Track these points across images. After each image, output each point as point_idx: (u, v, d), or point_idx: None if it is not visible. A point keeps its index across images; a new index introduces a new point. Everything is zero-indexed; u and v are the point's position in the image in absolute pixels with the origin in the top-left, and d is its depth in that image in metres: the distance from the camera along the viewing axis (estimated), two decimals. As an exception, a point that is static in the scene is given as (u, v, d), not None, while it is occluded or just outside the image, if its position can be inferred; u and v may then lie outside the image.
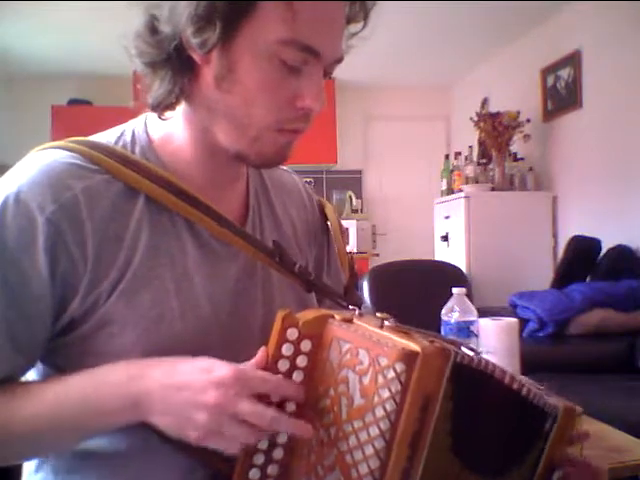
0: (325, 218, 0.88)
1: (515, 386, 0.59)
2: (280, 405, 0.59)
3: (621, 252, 3.01)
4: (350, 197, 5.11)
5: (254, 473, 0.62)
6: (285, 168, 0.89)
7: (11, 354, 0.63)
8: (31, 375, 0.69)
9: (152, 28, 0.63)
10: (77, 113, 4.66)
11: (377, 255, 4.70)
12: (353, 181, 5.45)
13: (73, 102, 4.82)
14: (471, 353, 0.58)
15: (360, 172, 5.49)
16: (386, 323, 0.59)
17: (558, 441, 0.61)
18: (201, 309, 0.68)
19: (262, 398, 0.58)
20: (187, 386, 0.58)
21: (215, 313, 0.69)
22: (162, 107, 0.67)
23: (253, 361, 0.61)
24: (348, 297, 0.78)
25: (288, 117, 0.65)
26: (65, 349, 0.66)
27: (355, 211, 5.10)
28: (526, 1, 3.49)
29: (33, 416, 0.62)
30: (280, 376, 0.60)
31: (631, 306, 2.67)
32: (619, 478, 1.11)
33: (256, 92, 0.63)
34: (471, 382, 0.56)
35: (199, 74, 0.65)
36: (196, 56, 0.63)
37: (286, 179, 0.86)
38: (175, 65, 0.64)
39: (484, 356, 0.60)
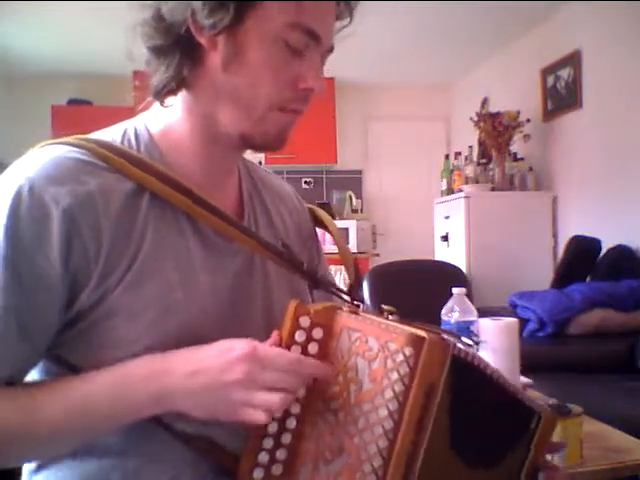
0: (315, 225, 0.91)
1: (503, 382, 0.61)
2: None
3: (621, 252, 3.01)
4: (350, 197, 5.11)
5: (263, 456, 0.64)
6: (277, 175, 0.92)
7: (21, 345, 0.63)
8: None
9: (158, 17, 0.66)
10: (77, 113, 4.66)
11: (377, 255, 4.70)
12: (353, 181, 5.45)
13: (73, 102, 4.82)
14: (470, 342, 0.60)
15: (360, 172, 5.49)
16: (390, 317, 0.62)
17: (541, 442, 0.64)
18: (205, 301, 0.70)
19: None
20: (210, 369, 0.60)
21: (217, 306, 0.71)
22: (164, 93, 0.69)
23: (268, 343, 0.63)
24: (352, 294, 0.79)
25: (290, 97, 0.69)
26: (70, 342, 0.66)
27: (355, 211, 5.09)
28: (526, 1, 3.49)
29: (59, 415, 0.62)
30: (293, 356, 0.62)
31: (631, 306, 2.67)
32: (619, 478, 1.11)
33: (262, 73, 0.67)
34: (467, 376, 0.58)
35: (205, 59, 0.68)
36: (203, 40, 0.66)
37: (276, 182, 0.89)
38: (181, 50, 0.67)
39: (482, 351, 0.62)
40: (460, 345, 0.59)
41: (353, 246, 4.57)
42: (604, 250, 3.10)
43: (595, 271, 3.06)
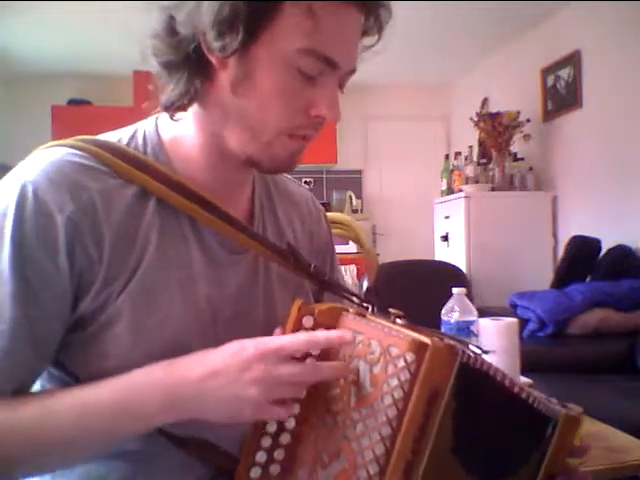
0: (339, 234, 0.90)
1: (516, 390, 0.59)
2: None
3: (621, 252, 3.01)
4: (350, 197, 5.11)
5: (260, 456, 0.63)
6: (296, 180, 0.90)
7: (32, 355, 0.63)
8: None
9: (170, 29, 0.64)
10: (77, 113, 4.66)
11: (377, 255, 4.70)
12: (353, 181, 5.45)
13: (73, 102, 4.82)
14: (478, 351, 0.59)
15: (360, 172, 5.49)
16: (398, 321, 0.61)
17: (559, 449, 0.61)
18: (203, 313, 0.69)
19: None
20: (224, 371, 0.59)
21: (217, 316, 0.70)
22: (174, 108, 0.67)
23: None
24: (368, 297, 0.78)
25: (301, 124, 0.66)
26: (70, 347, 0.66)
27: (355, 211, 5.09)
28: (526, 1, 3.49)
29: (64, 425, 0.61)
30: (305, 334, 0.61)
31: (631, 306, 2.67)
32: (619, 478, 1.10)
33: (271, 98, 0.64)
34: (475, 383, 0.56)
35: (215, 77, 0.65)
36: (214, 59, 0.63)
37: (293, 189, 0.87)
38: (192, 67, 0.64)
39: (486, 357, 0.60)
40: (469, 352, 0.58)
41: (353, 246, 4.57)
42: (604, 250, 3.09)
43: (595, 271, 3.05)
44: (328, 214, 0.93)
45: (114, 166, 0.66)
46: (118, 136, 0.71)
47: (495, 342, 1.28)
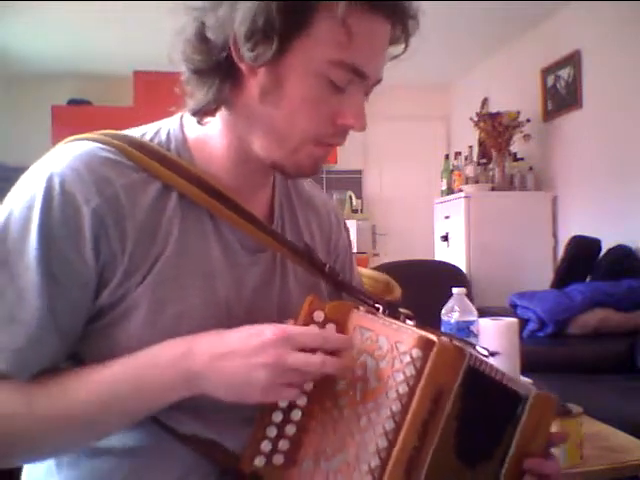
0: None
1: (510, 385, 0.59)
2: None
3: (621, 252, 3.01)
4: (350, 197, 5.11)
5: (265, 445, 0.64)
6: (317, 185, 0.91)
7: (56, 344, 0.64)
8: None
9: (201, 36, 0.65)
10: (77, 113, 4.65)
11: (377, 255, 4.70)
12: (353, 181, 5.44)
13: (73, 102, 4.82)
14: (485, 353, 0.59)
15: (360, 172, 5.49)
16: (408, 321, 0.62)
17: (532, 428, 0.60)
18: (219, 309, 0.70)
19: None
20: (239, 352, 0.60)
21: (229, 316, 0.70)
22: (203, 113, 0.69)
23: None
24: (385, 301, 0.78)
25: (327, 133, 0.67)
26: (85, 337, 0.67)
27: (355, 211, 5.09)
28: (526, 1, 3.49)
29: (88, 401, 0.62)
30: (320, 330, 0.62)
31: (631, 306, 2.67)
32: (619, 478, 1.11)
33: (299, 107, 0.65)
34: (481, 386, 0.57)
35: (243, 84, 0.66)
36: (244, 67, 0.64)
37: (313, 194, 0.88)
38: (222, 74, 0.65)
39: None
40: (477, 354, 0.58)
41: (353, 246, 4.56)
42: (604, 250, 3.10)
43: (595, 271, 3.05)
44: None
45: (138, 161, 0.67)
46: (142, 132, 0.72)
47: (495, 342, 1.28)
